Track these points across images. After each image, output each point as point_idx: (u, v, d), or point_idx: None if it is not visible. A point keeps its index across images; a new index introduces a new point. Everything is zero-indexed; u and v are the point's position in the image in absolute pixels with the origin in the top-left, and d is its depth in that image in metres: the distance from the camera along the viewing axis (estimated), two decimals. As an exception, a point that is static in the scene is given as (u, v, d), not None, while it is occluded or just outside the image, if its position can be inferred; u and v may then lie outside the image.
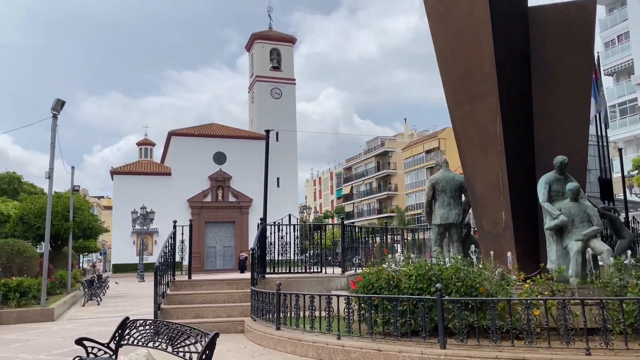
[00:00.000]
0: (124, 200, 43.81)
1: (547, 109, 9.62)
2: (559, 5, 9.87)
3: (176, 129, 47.94)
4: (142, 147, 51.63)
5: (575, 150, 9.47)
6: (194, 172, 46.21)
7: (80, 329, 11.73)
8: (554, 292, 6.18)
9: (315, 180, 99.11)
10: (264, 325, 8.22)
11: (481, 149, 9.59)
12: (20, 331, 11.78)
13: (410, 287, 6.63)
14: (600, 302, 5.24)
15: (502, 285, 6.41)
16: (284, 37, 54.06)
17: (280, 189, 49.10)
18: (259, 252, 10.04)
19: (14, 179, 43.12)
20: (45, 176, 14.49)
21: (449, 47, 10.03)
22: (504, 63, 9.19)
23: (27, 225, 20.77)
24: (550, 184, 8.71)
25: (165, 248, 10.16)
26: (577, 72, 9.55)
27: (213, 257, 46.15)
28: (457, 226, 10.18)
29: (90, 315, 15.01)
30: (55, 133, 14.51)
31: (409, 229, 15.35)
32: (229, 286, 10.62)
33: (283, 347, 7.24)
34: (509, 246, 9.10)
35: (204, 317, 9.56)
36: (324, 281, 10.57)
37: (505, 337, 5.75)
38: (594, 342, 5.33)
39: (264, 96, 51.72)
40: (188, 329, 5.47)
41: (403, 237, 14.98)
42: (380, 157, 75.17)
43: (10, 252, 16.41)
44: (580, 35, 9.58)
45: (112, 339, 6.37)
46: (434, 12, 10.27)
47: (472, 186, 9.87)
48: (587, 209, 8.43)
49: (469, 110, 9.71)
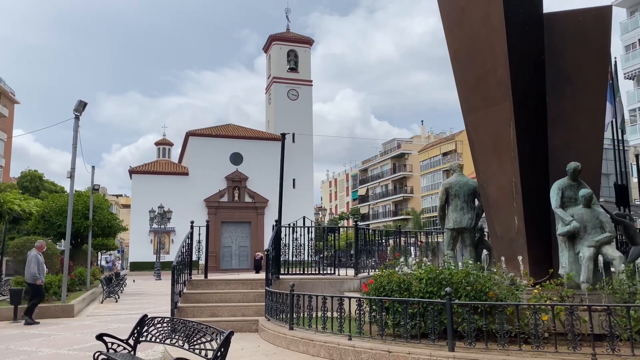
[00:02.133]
0: (142, 199, 44.45)
1: (561, 115, 9.65)
2: (575, 12, 9.88)
3: (194, 130, 48.51)
4: (161, 146, 52.30)
5: (590, 157, 9.48)
6: (211, 172, 46.74)
7: (99, 325, 12.04)
8: (563, 297, 6.25)
9: (331, 182, 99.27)
10: (277, 325, 8.40)
11: (495, 154, 9.65)
12: (42, 326, 12.14)
13: (421, 290, 6.75)
14: (607, 308, 5.31)
15: (511, 290, 6.50)
16: (301, 38, 54.33)
17: (296, 190, 49.42)
18: (273, 253, 10.23)
19: (36, 177, 44.04)
20: (67, 176, 14.86)
21: (463, 52, 10.11)
22: (518, 68, 9.23)
23: (49, 223, 21.25)
24: (563, 190, 8.75)
25: (183, 248, 10.40)
26: (592, 78, 9.56)
27: (229, 257, 46.61)
28: (470, 230, 10.25)
29: (108, 312, 15.35)
30: (77, 134, 14.87)
31: (422, 232, 15.39)
32: (244, 286, 10.83)
33: (296, 346, 7.41)
34: (521, 251, 9.14)
35: (219, 315, 9.78)
36: (337, 283, 10.72)
37: (514, 341, 5.84)
38: (601, 348, 5.40)
39: (281, 97, 52.03)
40: (204, 327, 5.66)
41: (417, 240, 15.07)
42: (397, 159, 75.05)
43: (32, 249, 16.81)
44: (596, 42, 9.59)
45: (131, 335, 6.60)
46: (449, 16, 10.35)
47: (486, 191, 9.94)
48: (599, 216, 8.45)
49: (482, 115, 9.78)
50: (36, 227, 21.62)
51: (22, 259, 16.83)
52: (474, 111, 9.97)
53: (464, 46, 10.05)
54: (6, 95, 55.63)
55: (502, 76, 9.29)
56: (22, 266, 16.80)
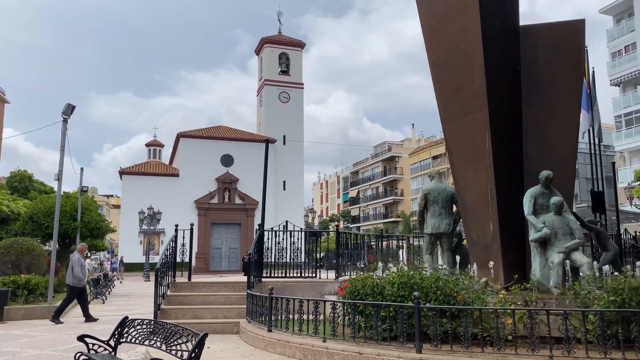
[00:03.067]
0: (132, 200, 44.47)
1: (536, 124, 9.96)
2: (549, 25, 10.22)
3: (184, 131, 48.62)
4: (151, 147, 52.34)
5: (563, 165, 9.81)
6: (201, 174, 46.86)
7: (84, 326, 12.17)
8: (527, 302, 6.53)
9: (323, 184, 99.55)
10: (257, 327, 8.63)
11: (471, 161, 9.94)
12: (27, 327, 12.26)
13: (393, 294, 7.01)
14: (564, 313, 5.59)
15: (478, 295, 6.77)
16: (293, 41, 54.61)
17: (286, 192, 49.73)
18: (255, 256, 10.45)
19: (25, 177, 43.93)
20: (54, 178, 15.00)
21: (442, 62, 10.40)
22: (495, 79, 9.53)
23: (37, 224, 21.32)
24: (536, 197, 9.06)
25: (167, 251, 10.60)
26: (566, 89, 9.88)
27: (219, 259, 46.73)
28: (448, 235, 10.53)
29: (94, 314, 15.41)
30: (65, 137, 15.01)
31: (405, 237, 15.68)
32: (227, 288, 11.05)
33: (273, 348, 7.64)
34: (496, 256, 9.43)
35: (201, 318, 9.98)
36: (318, 286, 10.97)
37: (478, 344, 6.11)
38: (558, 350, 5.68)
39: (272, 100, 52.27)
40: (180, 329, 5.88)
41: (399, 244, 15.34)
42: (387, 162, 75.48)
43: (20, 250, 16.95)
44: (570, 54, 9.92)
45: (112, 336, 6.79)
46: (428, 26, 10.64)
47: (462, 197, 10.22)
48: (569, 223, 8.76)
49: (459, 123, 10.07)
50: (24, 228, 21.69)
51: (8, 260, 16.92)
52: (451, 120, 10.26)
53: (443, 56, 10.34)
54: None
55: (478, 86, 9.58)
56: (8, 267, 16.93)
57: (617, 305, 5.87)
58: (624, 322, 5.65)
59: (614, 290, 6.05)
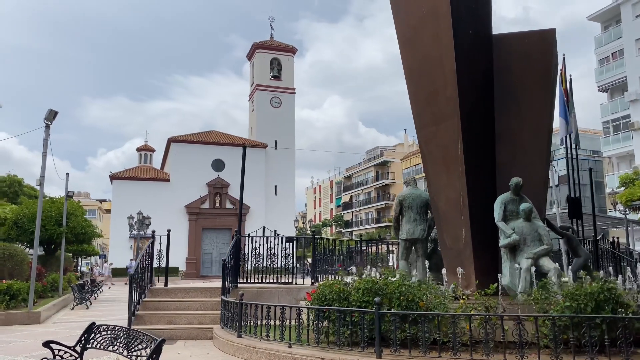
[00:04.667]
0: (123, 205, 44.31)
1: (508, 131, 10.09)
2: (521, 34, 10.37)
3: (175, 136, 48.61)
4: (142, 152, 52.31)
5: (535, 172, 9.94)
6: (192, 179, 46.82)
7: (62, 332, 12.19)
8: (488, 308, 6.63)
9: (316, 189, 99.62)
10: (228, 332, 8.68)
11: (444, 168, 10.04)
12: (5, 333, 12.26)
13: (358, 300, 7.09)
14: (517, 318, 5.70)
15: (440, 300, 6.87)
16: (284, 47, 54.80)
17: (277, 197, 49.79)
18: (231, 262, 10.51)
19: (15, 182, 43.82)
20: (36, 184, 15.03)
21: (416, 70, 10.50)
22: (467, 87, 9.65)
23: (22, 230, 21.29)
24: (506, 204, 9.18)
25: (143, 257, 10.65)
26: (537, 96, 10.02)
27: (209, 264, 46.64)
28: (423, 241, 10.63)
29: (76, 319, 15.46)
30: (47, 142, 15.05)
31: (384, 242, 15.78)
32: (203, 294, 11.09)
33: (241, 354, 7.70)
34: (468, 262, 9.53)
35: (176, 323, 10.03)
36: (293, 291, 11.03)
37: (442, 348, 6.20)
38: (514, 355, 5.77)
39: (264, 105, 52.39)
40: (141, 334, 5.94)
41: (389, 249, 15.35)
42: (380, 166, 75.67)
43: (2, 255, 16.93)
44: (541, 62, 10.06)
45: (78, 342, 6.83)
46: (402, 35, 10.74)
47: (436, 203, 10.32)
48: (538, 229, 8.88)
49: (433, 131, 10.17)
50: (9, 234, 21.65)
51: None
52: (425, 127, 10.36)
53: (417, 64, 10.45)
54: (-13, 99, 55.31)
55: (451, 94, 9.69)
56: (-9, 272, 16.89)
57: (573, 311, 5.98)
58: (576, 327, 5.75)
59: (570, 295, 6.15)
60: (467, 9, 9.78)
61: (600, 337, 5.70)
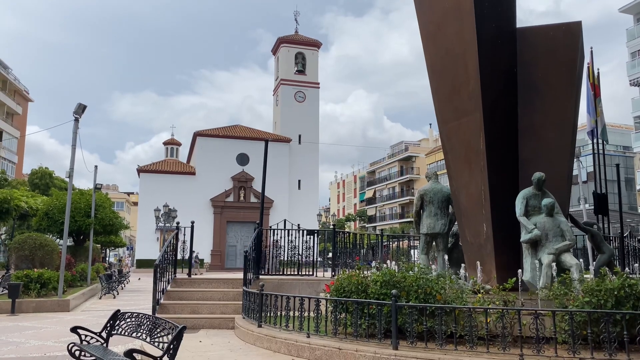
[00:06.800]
0: (150, 198, 45.14)
1: (531, 126, 9.98)
2: (546, 27, 10.21)
3: (201, 130, 49.24)
4: (169, 146, 53.11)
5: (558, 167, 9.82)
6: (217, 172, 47.42)
7: (90, 320, 12.58)
8: (506, 302, 6.62)
9: (339, 183, 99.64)
10: (249, 322, 8.85)
11: (466, 163, 10.00)
12: (36, 320, 12.71)
13: (376, 292, 7.16)
14: (535, 313, 5.69)
15: (457, 294, 6.88)
16: (309, 41, 54.85)
17: (301, 191, 50.07)
18: (253, 254, 10.67)
19: (46, 174, 45.02)
20: (65, 176, 15.47)
21: (438, 64, 10.47)
22: (489, 81, 9.57)
23: (52, 220, 21.95)
24: (528, 199, 9.10)
25: (168, 247, 10.89)
26: (561, 91, 9.87)
27: (234, 256, 47.21)
28: (443, 236, 10.62)
29: (103, 308, 15.91)
30: (76, 135, 15.45)
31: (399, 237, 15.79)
32: (225, 285, 11.29)
33: (261, 343, 7.85)
34: (489, 257, 9.49)
35: (199, 313, 10.25)
36: (314, 284, 11.14)
37: (459, 342, 6.23)
38: (531, 349, 5.77)
39: (288, 99, 52.61)
40: (164, 322, 6.12)
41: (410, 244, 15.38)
42: (404, 161, 75.27)
43: (33, 245, 17.52)
44: (566, 56, 9.90)
45: (104, 328, 7.09)
46: (425, 30, 10.71)
47: (457, 198, 10.29)
48: (560, 224, 8.79)
49: (455, 125, 10.13)
50: (40, 224, 22.33)
51: (22, 255, 17.48)
52: (447, 121, 10.33)
53: (439, 59, 10.41)
54: (20, 93, 56.89)
55: (473, 89, 9.63)
56: (23, 261, 17.49)
57: (592, 307, 5.94)
58: (594, 323, 5.72)
59: (590, 291, 6.10)
60: (490, 3, 9.68)
61: (619, 333, 5.65)
